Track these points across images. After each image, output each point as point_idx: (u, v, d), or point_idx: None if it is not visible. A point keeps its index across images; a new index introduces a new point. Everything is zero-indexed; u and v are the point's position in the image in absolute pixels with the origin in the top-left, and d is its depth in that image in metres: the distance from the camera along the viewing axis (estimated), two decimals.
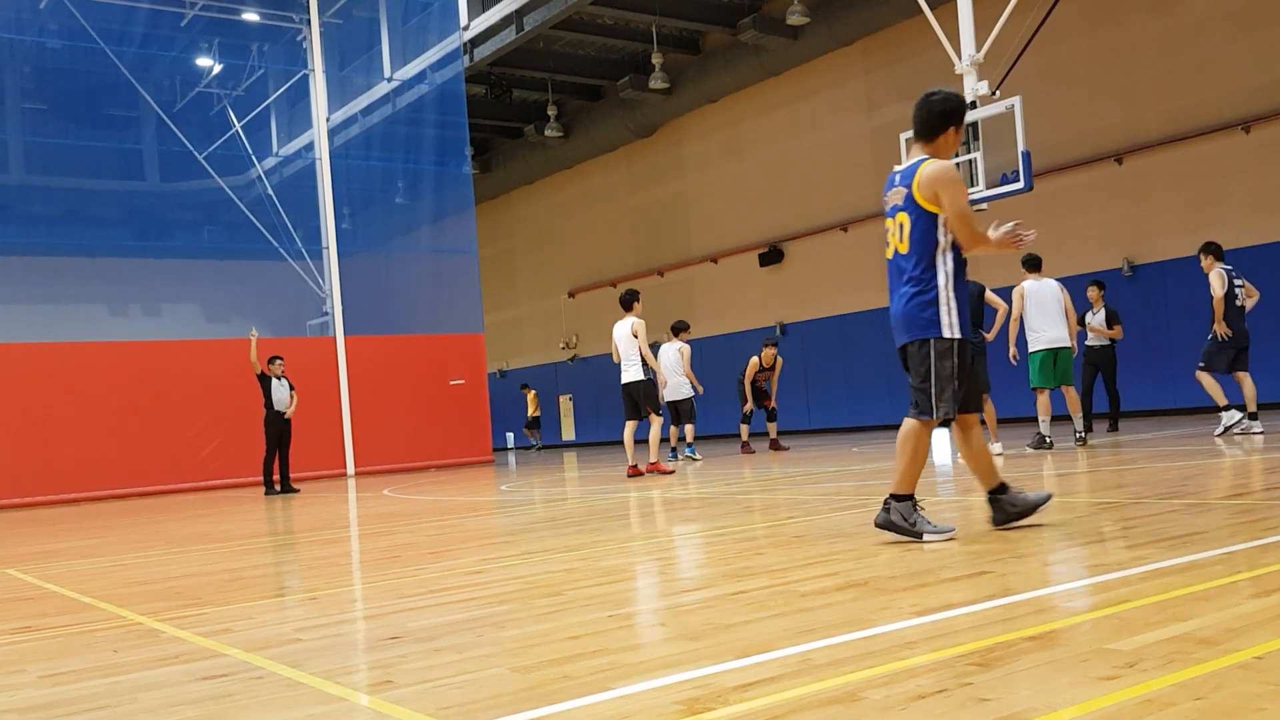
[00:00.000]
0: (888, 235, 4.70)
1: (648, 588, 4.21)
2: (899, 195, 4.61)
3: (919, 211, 4.53)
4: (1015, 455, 10.31)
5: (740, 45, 23.60)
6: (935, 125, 4.63)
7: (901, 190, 4.59)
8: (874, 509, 6.16)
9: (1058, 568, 3.88)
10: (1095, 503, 5.81)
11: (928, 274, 4.57)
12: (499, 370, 33.67)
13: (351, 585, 4.86)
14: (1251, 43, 17.05)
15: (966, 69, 12.75)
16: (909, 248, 4.58)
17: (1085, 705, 2.06)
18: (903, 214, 4.58)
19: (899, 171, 4.69)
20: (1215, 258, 10.86)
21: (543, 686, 2.53)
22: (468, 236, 22.11)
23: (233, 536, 8.09)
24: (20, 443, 16.71)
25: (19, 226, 18.75)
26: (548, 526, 6.86)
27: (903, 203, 4.58)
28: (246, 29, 21.10)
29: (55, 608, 4.61)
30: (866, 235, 22.99)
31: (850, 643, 2.74)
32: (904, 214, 4.58)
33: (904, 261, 4.64)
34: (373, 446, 19.90)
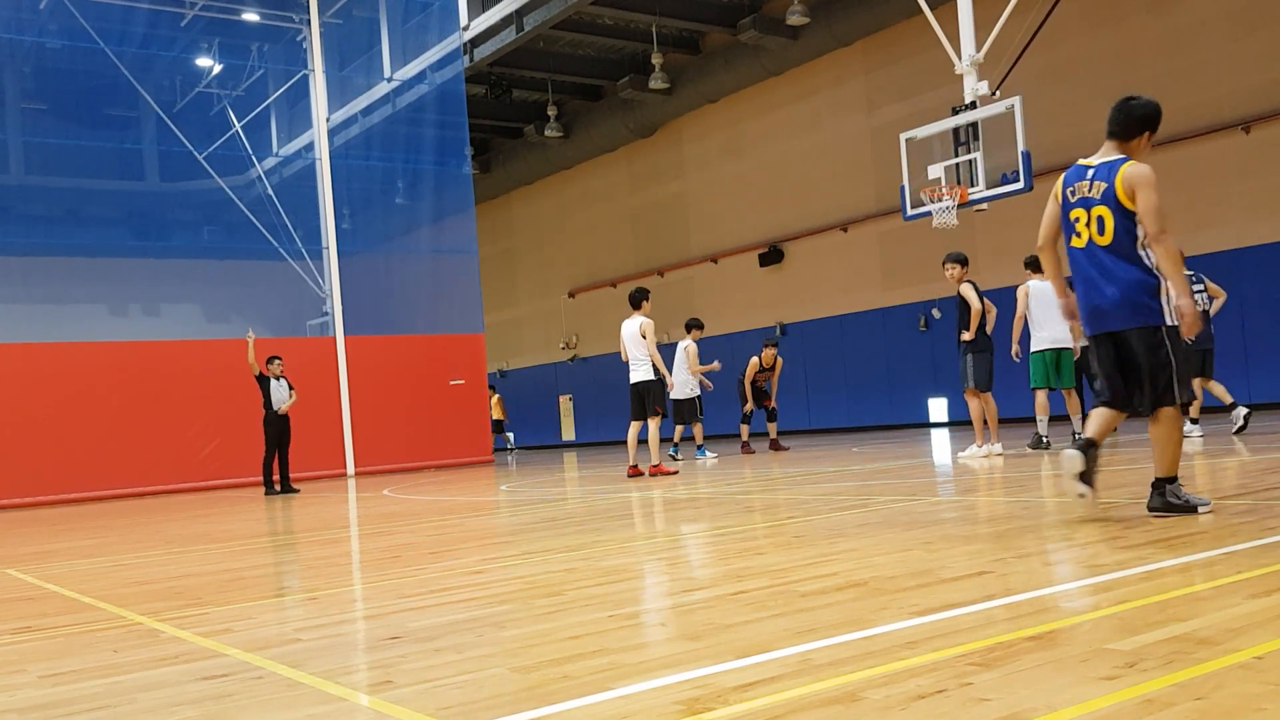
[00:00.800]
0: (1076, 225, 4.85)
1: (648, 588, 4.21)
2: (1097, 189, 4.79)
3: (1119, 207, 4.73)
4: (1015, 455, 10.30)
5: (740, 45, 23.60)
6: (1133, 129, 4.91)
7: (1101, 184, 4.78)
8: (874, 509, 6.17)
9: (1058, 568, 3.88)
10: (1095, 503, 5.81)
11: (1145, 264, 4.74)
12: (499, 370, 33.67)
13: (352, 585, 4.86)
14: (1251, 43, 17.05)
15: (966, 69, 12.76)
16: (1112, 239, 4.76)
17: (1085, 705, 2.06)
18: (1101, 207, 4.77)
19: (1092, 166, 4.87)
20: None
21: (543, 686, 2.54)
22: (468, 236, 22.10)
23: (233, 536, 8.09)
24: (20, 443, 16.70)
25: (19, 226, 18.74)
26: (548, 526, 6.86)
27: (1101, 197, 4.77)
28: (246, 29, 21.09)
29: (55, 608, 4.61)
30: (866, 235, 23.00)
31: (850, 643, 2.74)
32: (1103, 207, 4.77)
33: (1106, 253, 4.79)
34: (373, 446, 19.89)
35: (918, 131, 13.36)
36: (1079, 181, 4.88)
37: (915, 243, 20.75)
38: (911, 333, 22.09)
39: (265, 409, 13.70)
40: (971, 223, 18.06)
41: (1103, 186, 4.77)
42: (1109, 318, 4.83)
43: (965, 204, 12.80)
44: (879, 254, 22.82)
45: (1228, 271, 17.41)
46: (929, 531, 4.97)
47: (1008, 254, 19.69)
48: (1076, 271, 4.95)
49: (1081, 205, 4.84)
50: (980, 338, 10.45)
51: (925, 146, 13.30)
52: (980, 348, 10.43)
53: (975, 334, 10.43)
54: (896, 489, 7.57)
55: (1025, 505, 5.81)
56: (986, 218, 17.87)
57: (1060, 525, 4.91)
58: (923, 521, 5.40)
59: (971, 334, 10.54)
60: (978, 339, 10.42)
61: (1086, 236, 4.83)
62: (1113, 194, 4.74)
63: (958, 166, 12.84)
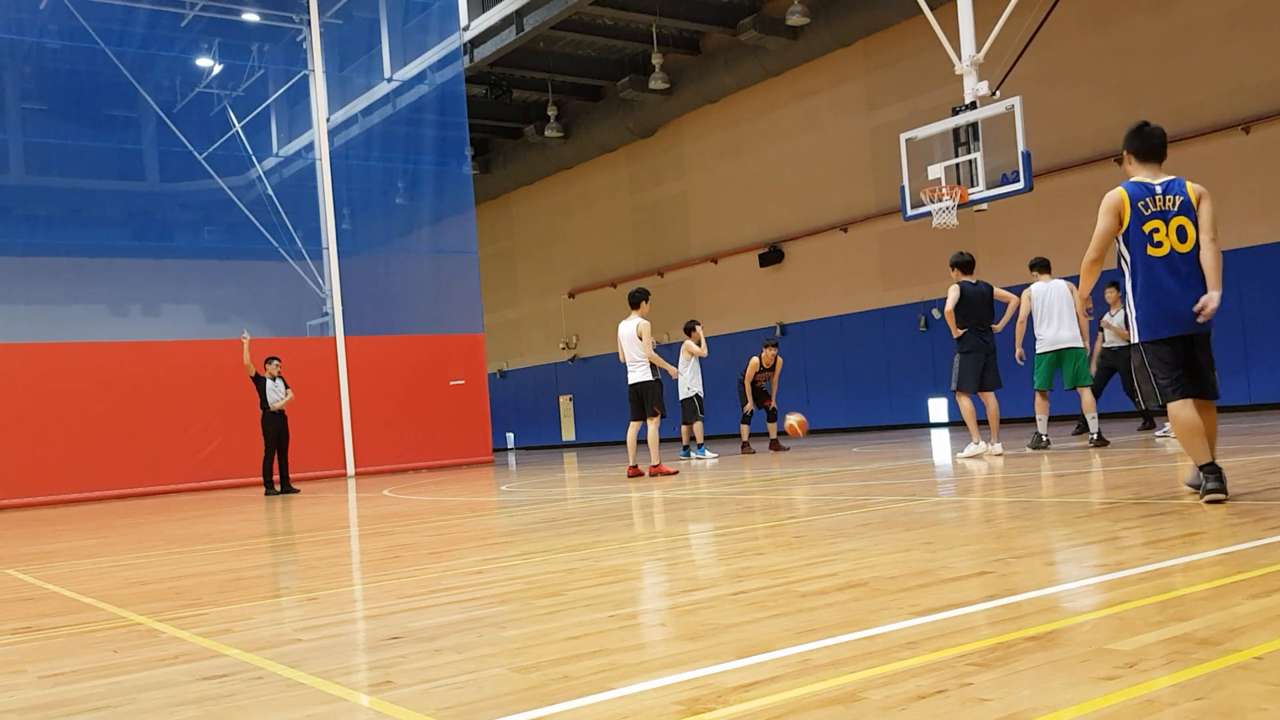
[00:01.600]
0: (1155, 235, 5.30)
1: (648, 588, 4.21)
2: (1174, 202, 5.30)
3: (1194, 219, 5.28)
4: (1014, 455, 10.30)
5: (740, 45, 23.60)
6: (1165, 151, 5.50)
7: (1178, 198, 5.30)
8: (874, 509, 6.17)
9: (1058, 568, 3.88)
10: (1095, 503, 5.81)
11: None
12: (499, 370, 33.67)
13: (352, 585, 4.86)
14: (1251, 43, 17.05)
15: (966, 69, 12.75)
16: (1191, 248, 5.27)
17: (1085, 705, 2.06)
18: (1183, 218, 5.27)
19: (1161, 182, 5.36)
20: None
21: (543, 686, 2.54)
22: (468, 237, 22.10)
23: (233, 537, 8.09)
24: (20, 443, 16.70)
25: (19, 226, 18.74)
26: (548, 526, 6.86)
27: (1178, 209, 5.28)
28: (246, 29, 21.09)
29: (55, 608, 4.61)
30: (866, 235, 23.00)
31: (850, 643, 2.74)
32: (1184, 218, 5.27)
33: (1187, 261, 5.28)
34: (373, 447, 19.90)
35: (918, 131, 13.36)
36: (1150, 196, 5.32)
37: (915, 243, 20.76)
38: (911, 333, 22.09)
39: (262, 409, 13.73)
40: (971, 223, 18.06)
41: (1180, 200, 5.28)
42: (1189, 323, 5.28)
43: (965, 204, 12.80)
44: (879, 254, 22.83)
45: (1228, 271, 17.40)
46: (929, 531, 4.97)
47: (1008, 254, 19.69)
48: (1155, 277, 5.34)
49: (1161, 217, 5.29)
50: (967, 338, 10.41)
51: (925, 146, 13.31)
52: (967, 348, 10.39)
53: (963, 334, 10.41)
54: (896, 489, 7.57)
55: (1025, 505, 5.81)
56: (986, 218, 17.88)
57: (1060, 525, 4.91)
58: (923, 521, 5.40)
59: (1001, 326, 10.60)
60: (964, 339, 10.41)
61: (1168, 246, 5.28)
62: (1189, 206, 5.28)
63: (958, 166, 12.84)
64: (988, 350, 10.40)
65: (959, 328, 10.40)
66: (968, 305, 10.33)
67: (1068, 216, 19.27)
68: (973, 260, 10.63)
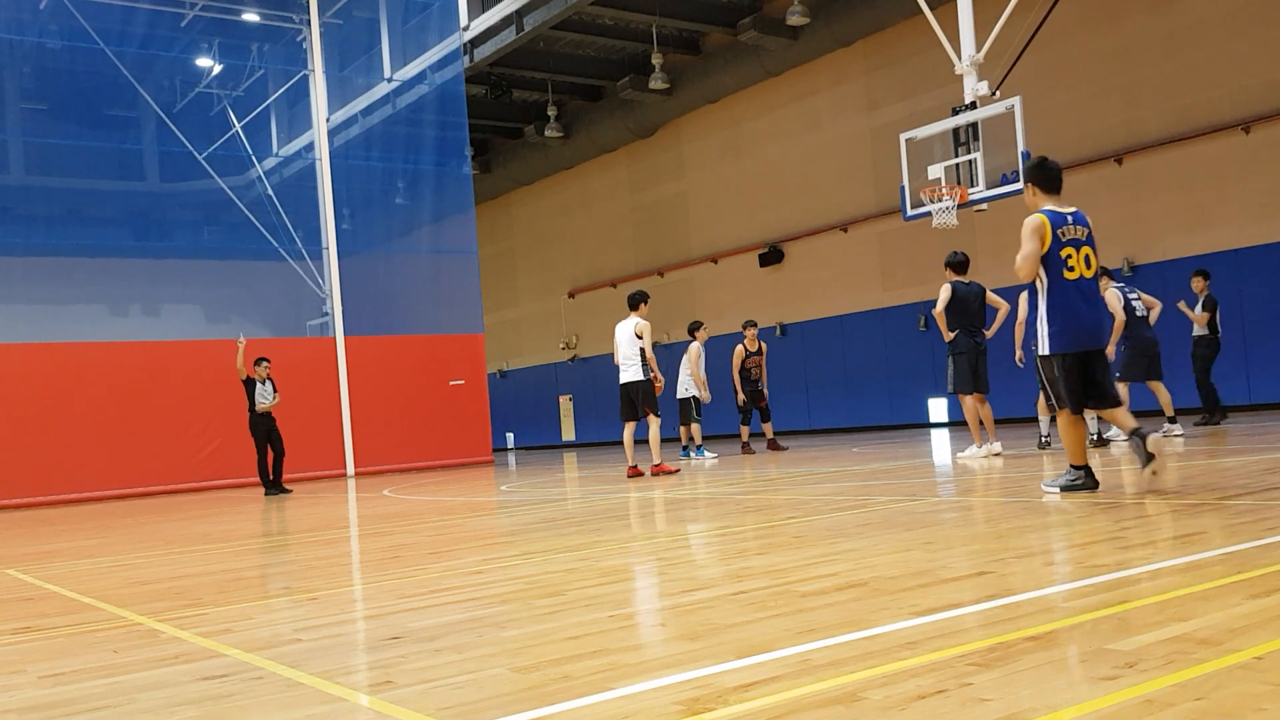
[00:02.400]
0: (1070, 260, 5.98)
1: (648, 588, 4.21)
2: (1082, 232, 6.03)
3: (1094, 249, 6.05)
4: (1015, 455, 10.30)
5: (740, 45, 23.60)
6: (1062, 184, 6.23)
7: (1084, 229, 6.04)
8: (874, 509, 6.17)
9: (1058, 568, 3.88)
10: (1095, 503, 5.81)
11: None
12: (499, 370, 33.67)
13: (352, 585, 4.86)
14: (1251, 43, 17.05)
15: (966, 69, 12.75)
16: (1093, 275, 6.04)
17: (1085, 705, 2.06)
18: (1088, 247, 6.01)
19: (1069, 212, 6.08)
20: (1108, 278, 11.34)
21: (543, 686, 2.54)
22: (468, 237, 22.10)
23: (233, 536, 8.09)
24: (20, 443, 16.70)
25: (19, 226, 18.74)
26: (548, 527, 6.86)
27: (1085, 239, 6.01)
28: (246, 29, 21.09)
29: (55, 608, 4.61)
30: (866, 235, 23.00)
31: (850, 643, 2.74)
32: (1088, 248, 6.01)
33: (1091, 286, 6.05)
34: (373, 447, 19.89)
35: (918, 131, 13.36)
36: (1064, 226, 5.99)
37: (915, 243, 20.76)
38: (911, 333, 22.08)
39: (250, 411, 13.80)
40: (971, 223, 18.06)
41: (1086, 230, 6.03)
42: (1097, 339, 6.06)
43: (965, 204, 12.80)
44: (879, 254, 22.83)
45: (1228, 271, 17.43)
46: (929, 531, 4.97)
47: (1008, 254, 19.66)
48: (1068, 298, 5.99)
49: (1073, 245, 5.98)
50: (959, 340, 10.40)
51: (925, 146, 13.30)
52: (959, 350, 10.39)
53: (955, 336, 10.41)
54: (896, 489, 7.57)
55: (1025, 505, 5.81)
56: (986, 218, 17.88)
57: (1060, 525, 4.92)
58: (923, 521, 5.40)
59: (992, 332, 10.61)
60: (956, 341, 10.40)
61: (1078, 272, 5.97)
62: (1091, 236, 6.04)
63: (958, 166, 12.84)
64: (979, 351, 10.37)
65: (950, 329, 10.40)
66: (960, 305, 10.30)
67: None
68: (967, 260, 10.61)
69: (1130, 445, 5.94)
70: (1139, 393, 12.10)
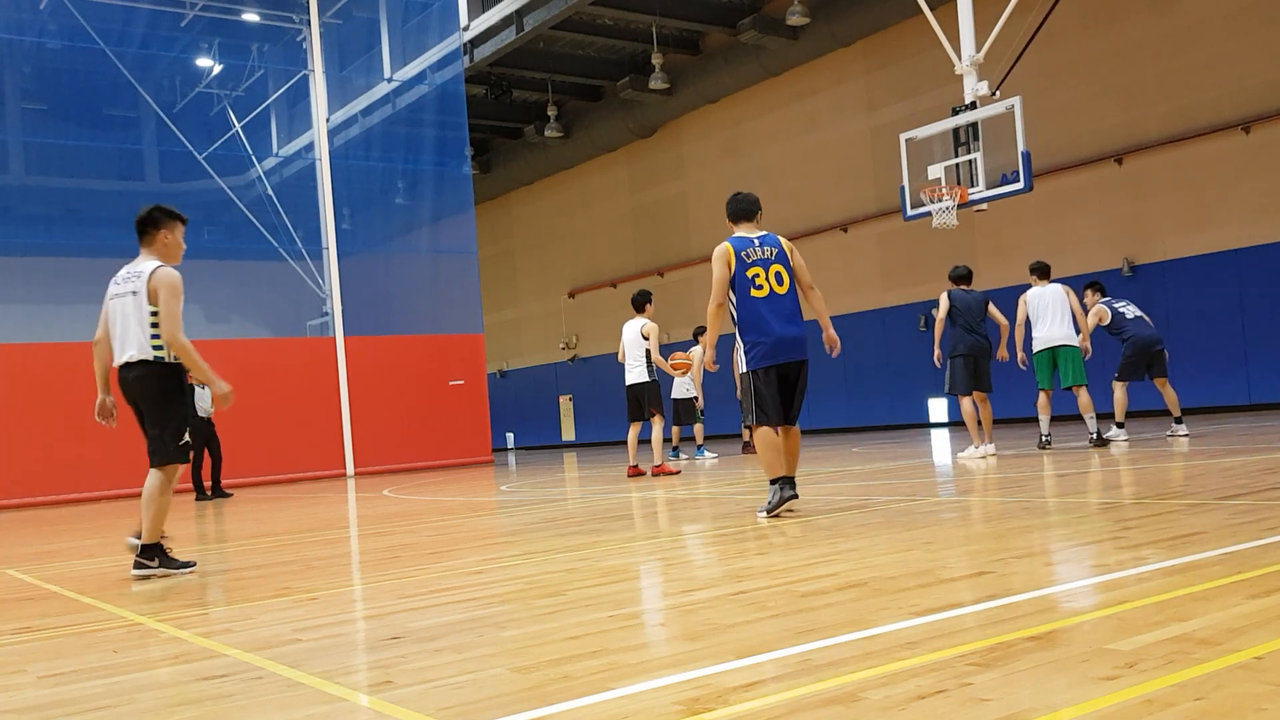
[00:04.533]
0: (758, 279, 6.21)
1: (648, 588, 4.21)
2: (771, 252, 6.27)
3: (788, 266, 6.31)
4: (1014, 455, 10.30)
5: (740, 45, 23.60)
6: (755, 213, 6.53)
7: (773, 249, 6.28)
8: (874, 509, 6.17)
9: (1058, 568, 3.88)
10: (1095, 503, 5.82)
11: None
12: (499, 370, 33.67)
13: (352, 585, 4.86)
14: (1251, 43, 17.05)
15: (966, 69, 12.75)
16: (788, 289, 6.27)
17: (1085, 705, 2.06)
18: (778, 265, 6.26)
19: (757, 235, 6.35)
20: (1099, 293, 11.50)
21: (543, 686, 2.54)
22: (468, 237, 22.10)
23: (232, 537, 8.09)
24: (20, 443, 16.69)
25: (19, 226, 18.72)
26: (548, 526, 6.87)
27: (775, 257, 6.27)
28: (246, 29, 21.09)
29: (55, 608, 4.61)
30: (866, 235, 23.00)
31: (850, 643, 2.74)
32: (779, 265, 6.26)
33: (789, 300, 6.26)
34: (372, 447, 19.89)
35: (918, 131, 13.36)
36: (750, 249, 6.28)
37: (915, 243, 20.76)
38: (911, 333, 22.08)
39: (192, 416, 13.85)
40: (971, 223, 18.07)
41: (776, 250, 6.28)
42: (796, 350, 6.24)
43: (965, 204, 12.79)
44: (879, 254, 22.83)
45: (1228, 271, 17.43)
46: (929, 531, 4.97)
47: (1008, 254, 19.69)
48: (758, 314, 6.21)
49: (762, 264, 6.24)
50: (957, 340, 10.42)
51: (925, 146, 13.30)
52: (956, 352, 10.41)
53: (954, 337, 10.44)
54: (896, 489, 7.57)
55: (1025, 505, 5.81)
56: (986, 218, 17.89)
57: (1060, 525, 4.92)
58: (923, 521, 5.40)
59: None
60: (955, 341, 10.43)
61: (768, 288, 6.22)
62: (784, 255, 6.29)
63: (958, 166, 12.83)
64: (979, 352, 10.38)
65: (951, 331, 10.44)
66: (958, 312, 10.38)
67: (1068, 216, 19.28)
68: (969, 274, 10.67)
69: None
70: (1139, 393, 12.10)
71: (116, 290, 5.66)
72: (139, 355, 5.51)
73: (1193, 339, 17.43)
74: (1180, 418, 11.25)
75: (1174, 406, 11.22)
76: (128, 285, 5.58)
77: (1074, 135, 19.04)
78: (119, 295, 5.62)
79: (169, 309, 5.43)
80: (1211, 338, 17.47)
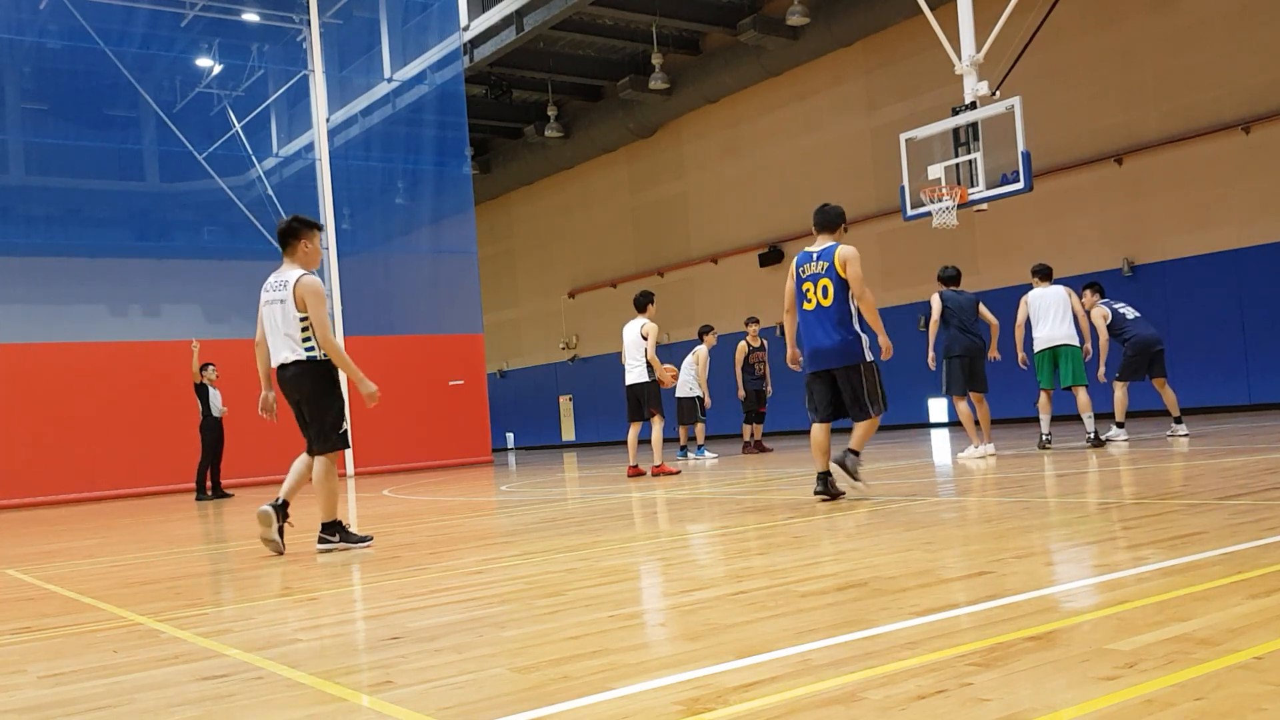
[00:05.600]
0: (809, 293, 6.87)
1: (648, 588, 4.21)
2: (823, 266, 6.80)
3: (835, 277, 6.77)
4: (1014, 455, 10.30)
5: (740, 45, 23.60)
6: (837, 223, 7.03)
7: (825, 263, 6.79)
8: (874, 509, 6.17)
9: (1058, 568, 3.88)
10: (1095, 503, 5.82)
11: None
12: (499, 370, 33.67)
13: (351, 585, 4.86)
14: (1251, 43, 17.05)
15: (966, 69, 12.75)
16: (831, 302, 6.77)
17: (1085, 705, 2.06)
18: (827, 279, 6.77)
19: (818, 250, 6.88)
20: (1098, 294, 11.46)
21: (543, 686, 2.54)
22: (468, 237, 22.10)
23: (232, 536, 8.09)
24: (20, 443, 16.69)
25: (19, 226, 18.73)
26: (548, 526, 6.87)
27: (825, 271, 6.78)
28: (246, 29, 21.09)
29: (55, 608, 4.61)
30: (866, 235, 22.98)
31: (850, 643, 2.74)
32: (828, 279, 6.77)
33: (828, 312, 6.77)
34: (372, 447, 19.88)
35: (918, 131, 13.36)
36: (809, 264, 6.87)
37: (915, 243, 20.75)
38: (911, 333, 22.03)
39: (204, 415, 13.87)
40: (971, 223, 18.07)
41: (826, 264, 6.77)
42: (832, 359, 6.82)
43: (965, 204, 12.79)
44: (879, 254, 22.81)
45: (1228, 271, 17.43)
46: (929, 531, 4.97)
47: (1008, 254, 19.69)
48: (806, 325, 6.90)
49: (812, 279, 6.83)
50: (952, 341, 10.44)
51: (925, 146, 13.30)
52: (952, 353, 10.43)
53: (949, 338, 10.46)
54: (896, 489, 7.57)
55: (1025, 505, 5.81)
56: (986, 218, 17.88)
57: (1060, 525, 4.92)
58: (923, 521, 5.40)
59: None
60: (950, 343, 10.45)
61: (814, 301, 6.81)
62: (833, 270, 6.75)
63: (958, 166, 12.83)
64: (974, 352, 10.39)
65: (945, 332, 10.48)
66: (951, 312, 10.40)
67: (1068, 216, 19.27)
68: (958, 274, 10.72)
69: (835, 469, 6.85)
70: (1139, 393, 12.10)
71: (267, 297, 6.15)
72: (293, 356, 5.97)
73: (1193, 339, 17.43)
74: (1180, 418, 11.27)
75: (1173, 407, 11.24)
76: (276, 293, 6.08)
77: (1074, 135, 19.04)
78: (270, 302, 6.11)
79: (317, 315, 5.96)
80: (1211, 338, 17.46)
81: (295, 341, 5.95)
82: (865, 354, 6.83)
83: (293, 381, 6.03)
